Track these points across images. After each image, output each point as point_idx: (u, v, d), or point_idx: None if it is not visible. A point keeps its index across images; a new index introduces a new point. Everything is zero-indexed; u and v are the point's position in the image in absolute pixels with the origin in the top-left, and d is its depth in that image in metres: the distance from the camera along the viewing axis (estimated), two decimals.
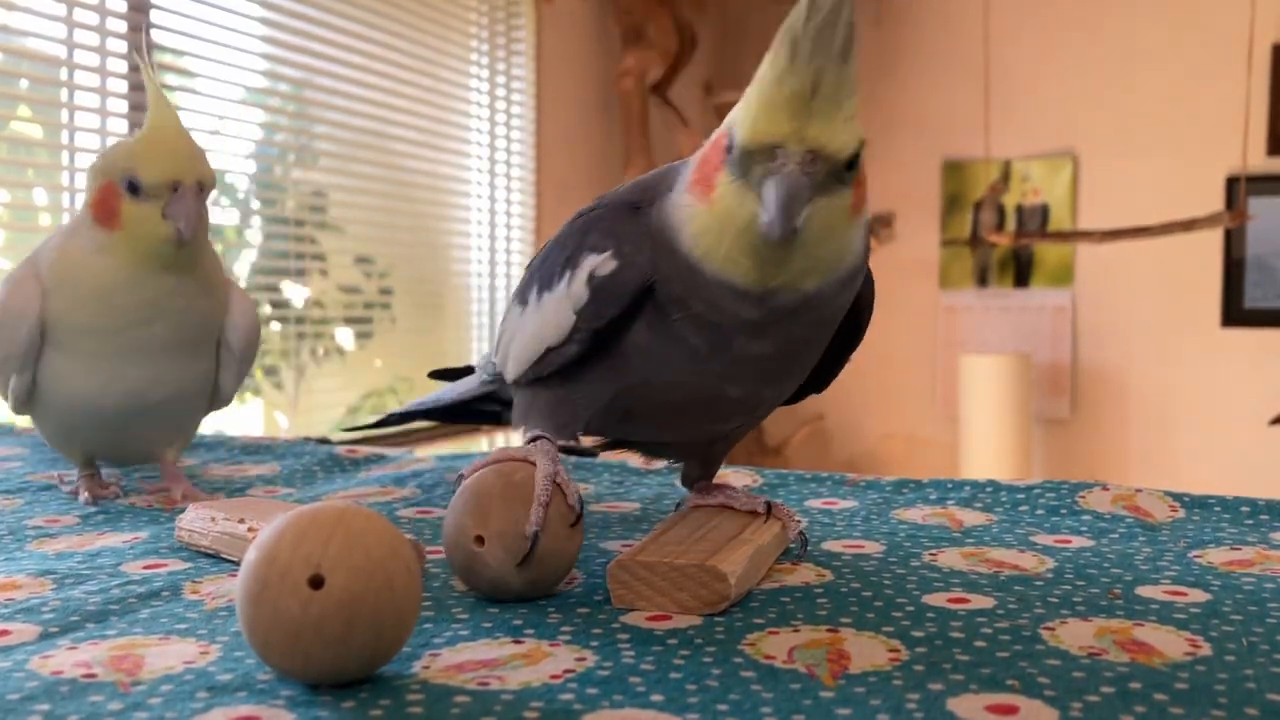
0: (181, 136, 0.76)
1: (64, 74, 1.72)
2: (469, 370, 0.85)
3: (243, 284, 2.21)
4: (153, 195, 0.74)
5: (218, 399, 0.86)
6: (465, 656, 0.46)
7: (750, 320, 0.54)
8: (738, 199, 0.51)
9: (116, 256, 0.75)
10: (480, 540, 0.53)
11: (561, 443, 0.61)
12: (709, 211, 0.52)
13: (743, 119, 0.50)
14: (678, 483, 0.84)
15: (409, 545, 0.45)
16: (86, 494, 0.81)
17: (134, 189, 0.74)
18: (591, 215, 0.61)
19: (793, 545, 0.63)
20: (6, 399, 0.83)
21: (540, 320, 0.62)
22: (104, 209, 0.75)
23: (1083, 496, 0.77)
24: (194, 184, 0.75)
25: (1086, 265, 3.31)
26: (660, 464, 0.89)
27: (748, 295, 0.53)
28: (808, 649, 0.47)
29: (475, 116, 2.67)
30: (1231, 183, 3.04)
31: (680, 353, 0.57)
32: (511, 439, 2.73)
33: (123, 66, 1.76)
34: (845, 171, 0.50)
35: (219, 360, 0.84)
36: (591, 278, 0.58)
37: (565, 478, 0.56)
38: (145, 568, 0.62)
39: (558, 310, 0.60)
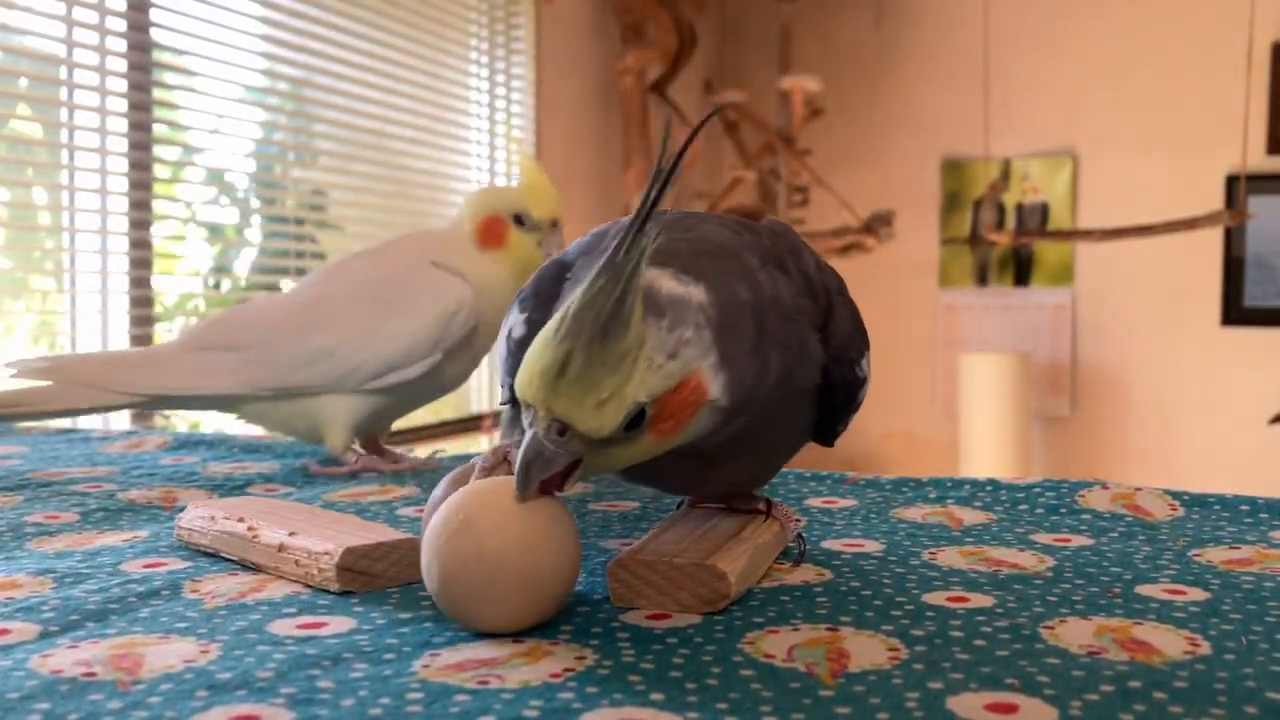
0: (548, 183, 0.99)
1: (63, 73, 1.72)
2: None
3: (243, 283, 2.22)
4: (534, 228, 0.97)
5: None
6: (465, 655, 0.46)
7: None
8: None
9: (505, 272, 0.97)
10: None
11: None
12: None
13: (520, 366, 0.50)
14: None
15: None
16: (364, 462, 0.95)
17: (520, 221, 0.97)
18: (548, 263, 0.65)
19: (791, 546, 0.63)
20: (364, 378, 0.95)
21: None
22: (489, 234, 0.98)
23: (1082, 495, 0.77)
24: (560, 223, 0.99)
25: (1086, 264, 3.32)
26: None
27: None
28: (807, 648, 0.47)
29: (475, 115, 2.67)
30: (1231, 181, 3.04)
31: None
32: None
33: (122, 66, 1.76)
34: (626, 433, 0.49)
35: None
36: (509, 336, 0.61)
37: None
38: (145, 567, 0.62)
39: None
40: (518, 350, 0.59)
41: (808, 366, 0.58)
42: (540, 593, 0.49)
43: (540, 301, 0.61)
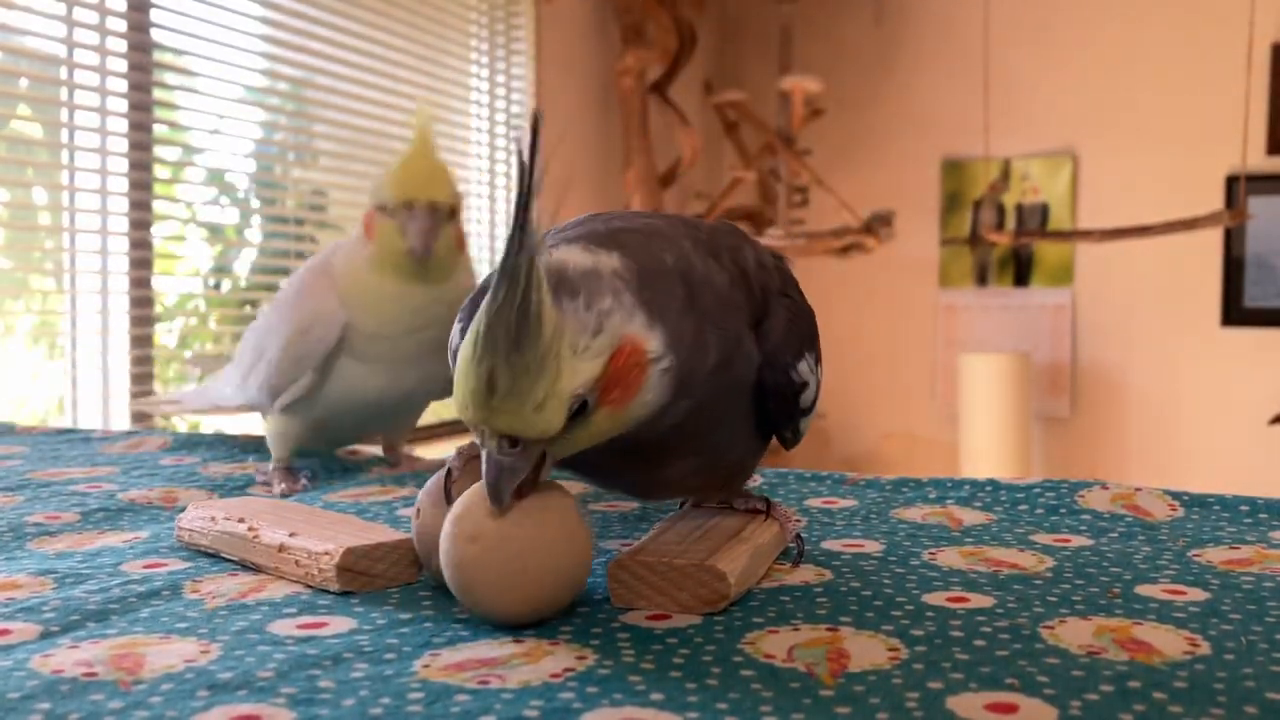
0: (421, 161, 0.87)
1: (64, 73, 1.72)
2: None
3: (243, 283, 2.22)
4: (390, 213, 0.86)
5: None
6: (465, 655, 0.46)
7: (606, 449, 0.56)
8: None
9: (376, 268, 0.87)
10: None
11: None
12: None
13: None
14: None
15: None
16: (283, 486, 0.87)
17: (381, 207, 0.86)
18: None
19: (791, 547, 0.63)
20: (269, 398, 0.91)
21: None
22: (367, 226, 0.88)
23: (1082, 495, 0.77)
24: (426, 204, 0.85)
25: (1086, 264, 3.32)
26: None
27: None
28: (807, 648, 0.47)
29: (475, 115, 2.67)
30: (1231, 182, 3.04)
31: None
32: None
33: (122, 66, 1.76)
34: (575, 419, 0.49)
35: None
36: (450, 348, 0.62)
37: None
38: (145, 567, 0.62)
39: None
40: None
41: (744, 360, 0.57)
42: (558, 581, 0.50)
43: (473, 311, 0.57)
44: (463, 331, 0.58)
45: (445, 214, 0.86)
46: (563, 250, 0.50)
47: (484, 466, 0.49)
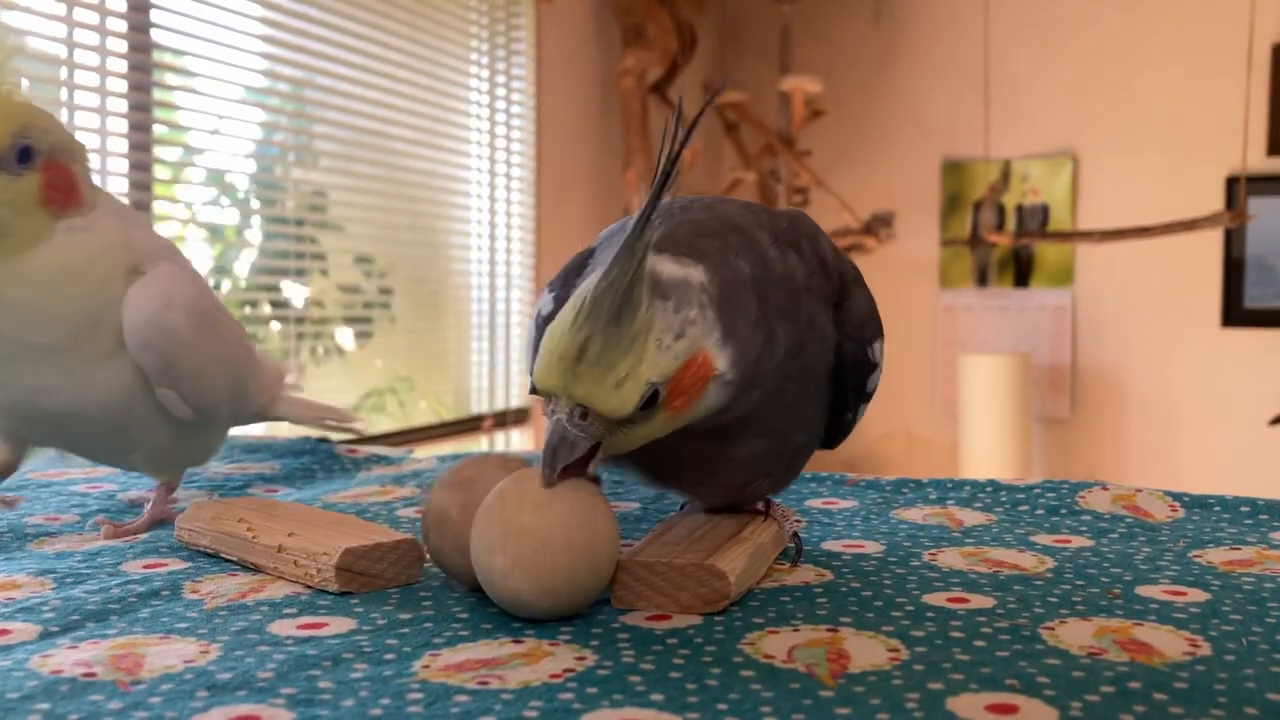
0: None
1: (64, 73, 1.72)
2: None
3: (243, 284, 2.22)
4: None
5: (198, 421, 0.72)
6: (465, 656, 0.46)
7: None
8: None
9: None
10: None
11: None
12: None
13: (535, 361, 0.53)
14: None
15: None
16: None
17: None
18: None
19: (789, 546, 0.63)
20: None
21: None
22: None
23: (1082, 496, 0.77)
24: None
25: (1086, 265, 3.32)
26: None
27: None
28: (807, 648, 0.47)
29: (475, 116, 2.67)
30: (1231, 183, 3.04)
31: None
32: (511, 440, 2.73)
33: (122, 66, 1.76)
34: (642, 413, 0.52)
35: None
36: (539, 315, 0.63)
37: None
38: (145, 567, 0.62)
39: None
40: (543, 328, 0.59)
41: (818, 342, 0.60)
42: (593, 576, 0.51)
43: (568, 283, 0.62)
44: (556, 300, 0.61)
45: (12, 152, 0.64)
46: (652, 258, 0.52)
47: (546, 436, 0.52)
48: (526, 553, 0.49)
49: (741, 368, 0.54)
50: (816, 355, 0.60)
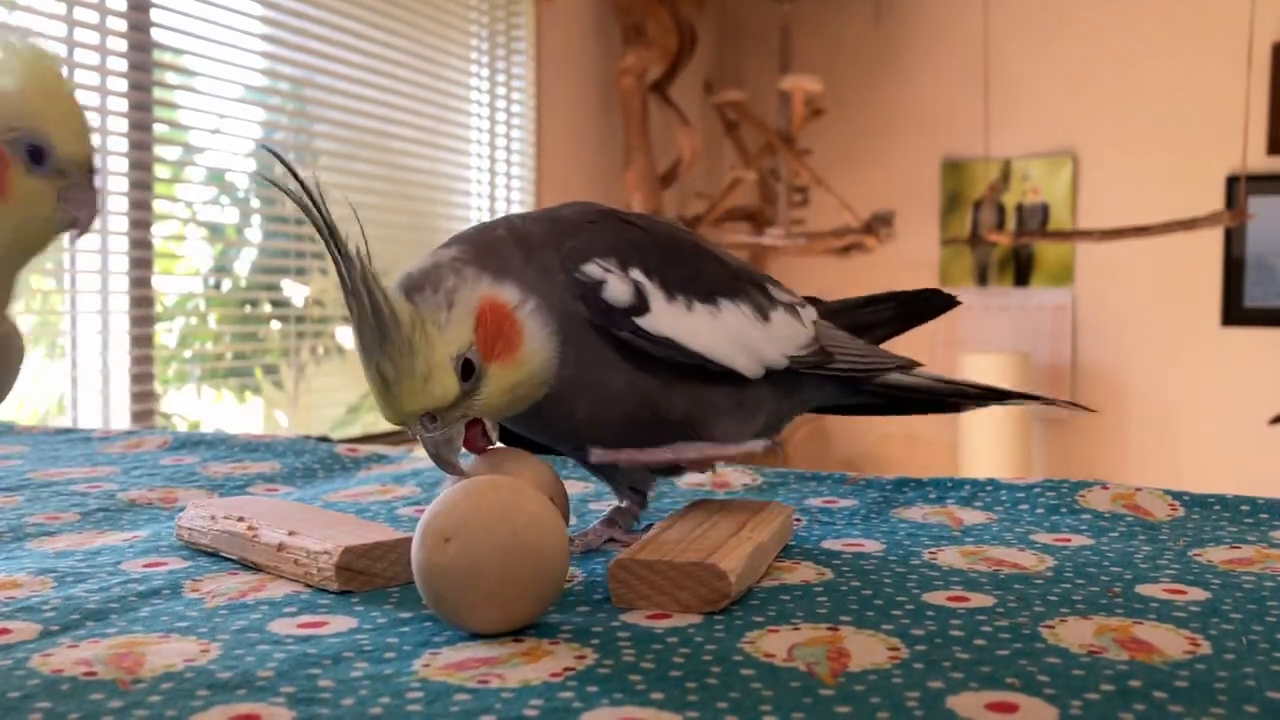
0: (79, 107, 0.60)
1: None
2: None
3: (243, 283, 2.22)
4: (57, 173, 0.58)
5: None
6: (465, 654, 0.46)
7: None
8: None
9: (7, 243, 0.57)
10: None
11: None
12: None
13: None
14: (677, 482, 0.84)
15: (553, 516, 0.50)
16: None
17: (38, 158, 0.57)
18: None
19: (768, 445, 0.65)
20: None
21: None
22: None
23: (1082, 495, 0.76)
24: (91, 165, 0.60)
25: (1086, 264, 3.32)
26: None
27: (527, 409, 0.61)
28: (807, 647, 0.47)
29: (475, 115, 2.67)
30: (1231, 182, 3.04)
31: None
32: None
33: (122, 65, 1.76)
34: (469, 384, 0.56)
35: None
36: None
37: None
38: (145, 566, 0.62)
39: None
40: None
41: (561, 288, 0.61)
42: (528, 593, 0.48)
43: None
44: None
45: None
46: (404, 266, 0.57)
47: (426, 451, 0.56)
48: (452, 592, 0.48)
49: (538, 294, 0.58)
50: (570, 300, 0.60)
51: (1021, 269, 3.39)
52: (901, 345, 0.79)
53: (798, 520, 0.72)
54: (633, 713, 0.40)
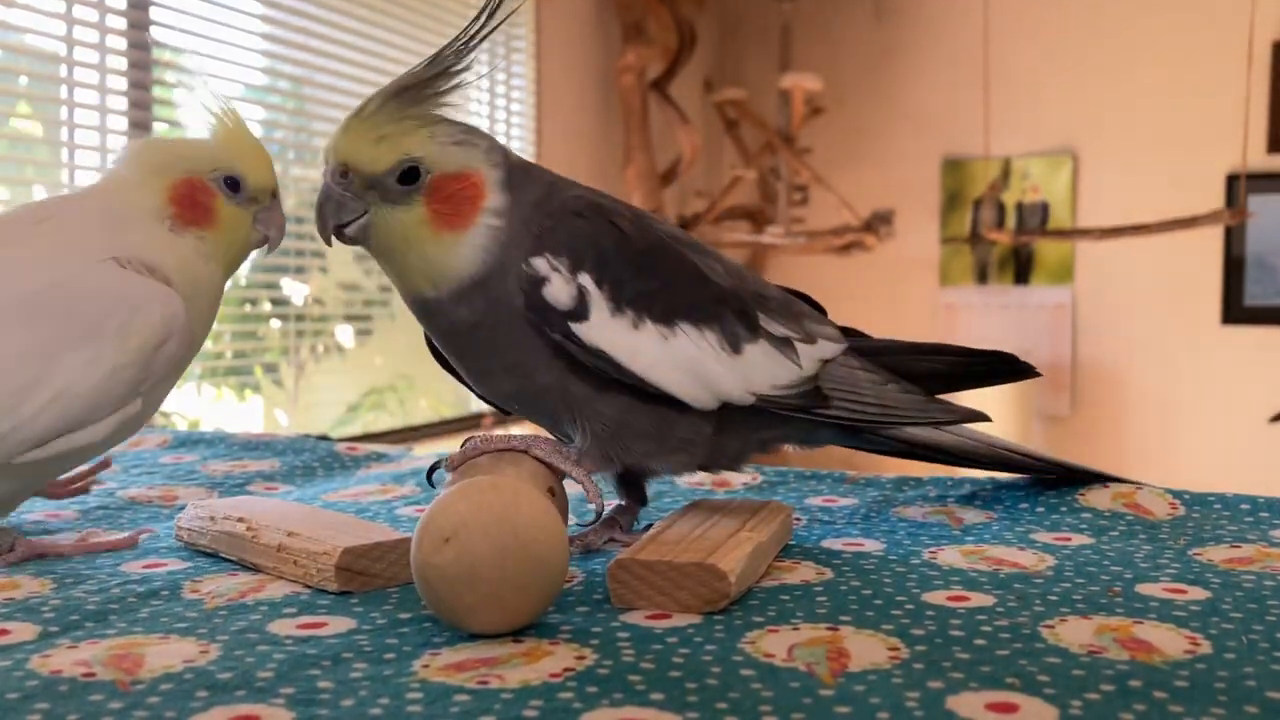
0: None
1: (64, 71, 1.71)
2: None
3: (243, 282, 2.21)
4: (250, 200, 0.69)
5: None
6: (465, 655, 0.46)
7: (429, 325, 0.63)
8: None
9: (214, 263, 0.68)
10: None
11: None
12: None
13: None
14: (677, 482, 0.84)
15: (553, 518, 0.50)
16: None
17: (234, 188, 0.68)
18: None
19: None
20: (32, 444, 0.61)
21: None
22: (191, 205, 0.67)
23: (1083, 494, 0.76)
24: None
25: (1086, 263, 3.31)
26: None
27: (409, 301, 0.62)
28: (807, 647, 0.47)
29: (475, 114, 2.67)
30: (1231, 180, 3.04)
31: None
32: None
33: (122, 64, 1.76)
34: (400, 187, 0.58)
35: None
36: None
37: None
38: (144, 567, 0.62)
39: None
40: None
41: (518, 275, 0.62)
42: (530, 592, 0.48)
43: None
44: None
45: None
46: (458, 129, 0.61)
47: (318, 196, 0.59)
48: (453, 597, 0.48)
49: (509, 221, 0.59)
50: (494, 310, 0.61)
51: (1021, 267, 3.39)
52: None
53: (797, 519, 0.72)
54: (632, 713, 0.40)
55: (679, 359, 0.61)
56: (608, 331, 0.60)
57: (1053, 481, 0.79)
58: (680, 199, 3.37)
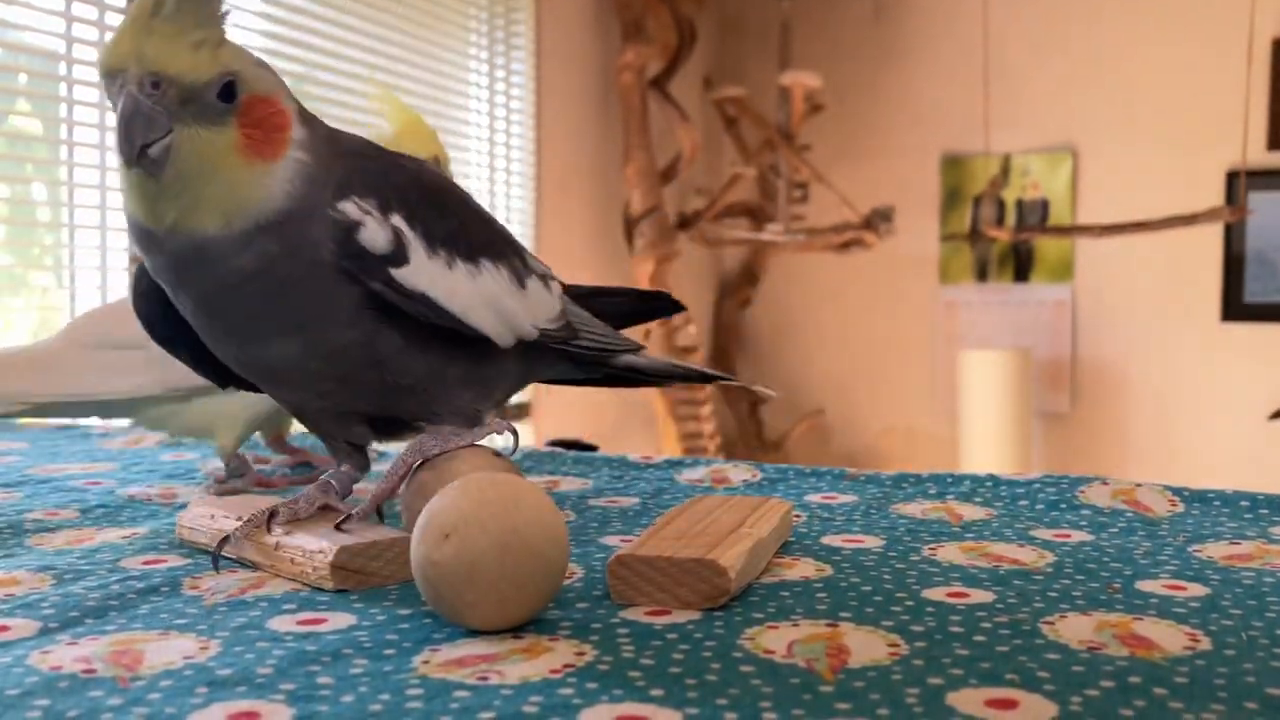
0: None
1: (63, 69, 1.71)
2: None
3: None
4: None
5: None
6: (464, 651, 0.46)
7: (169, 271, 0.55)
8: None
9: None
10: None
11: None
12: None
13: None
14: (678, 479, 0.84)
15: (553, 514, 0.49)
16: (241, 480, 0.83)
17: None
18: None
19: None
20: None
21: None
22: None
23: (1082, 491, 0.76)
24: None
25: (1086, 260, 3.31)
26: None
27: (151, 237, 0.54)
28: (807, 643, 0.47)
29: (475, 111, 2.67)
30: (1231, 177, 3.04)
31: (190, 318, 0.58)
32: None
33: None
34: (218, 103, 0.51)
35: None
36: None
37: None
38: (144, 563, 0.62)
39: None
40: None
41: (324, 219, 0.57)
42: (530, 588, 0.48)
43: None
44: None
45: None
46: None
47: (119, 112, 0.50)
48: (455, 593, 0.48)
49: (312, 153, 0.54)
50: (286, 255, 0.55)
51: (1021, 264, 3.39)
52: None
53: (797, 516, 0.72)
54: (632, 709, 0.40)
55: (487, 297, 0.60)
56: (425, 274, 0.57)
57: (1053, 479, 0.79)
58: (680, 197, 3.36)
